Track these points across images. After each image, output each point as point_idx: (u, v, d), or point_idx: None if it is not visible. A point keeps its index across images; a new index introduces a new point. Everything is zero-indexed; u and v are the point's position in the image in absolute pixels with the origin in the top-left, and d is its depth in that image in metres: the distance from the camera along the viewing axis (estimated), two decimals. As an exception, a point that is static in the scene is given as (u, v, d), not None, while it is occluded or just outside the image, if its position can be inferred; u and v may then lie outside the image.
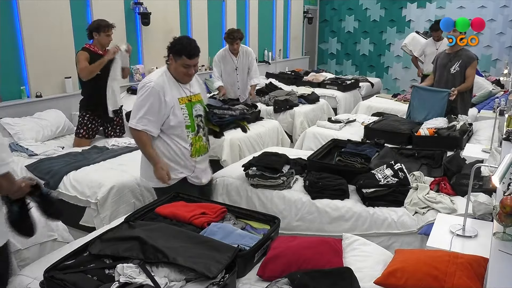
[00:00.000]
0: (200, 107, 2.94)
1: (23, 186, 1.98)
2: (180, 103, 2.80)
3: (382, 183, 2.80)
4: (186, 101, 2.84)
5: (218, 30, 7.57)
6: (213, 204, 2.48)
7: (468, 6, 8.85)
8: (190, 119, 2.84)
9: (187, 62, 2.73)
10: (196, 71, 2.84)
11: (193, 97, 2.89)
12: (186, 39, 2.77)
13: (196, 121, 2.88)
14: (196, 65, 2.80)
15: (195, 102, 2.90)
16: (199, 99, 2.95)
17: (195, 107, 2.88)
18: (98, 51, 4.12)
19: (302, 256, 1.98)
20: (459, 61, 4.51)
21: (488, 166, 2.63)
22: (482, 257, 1.87)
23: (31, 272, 2.01)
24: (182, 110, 2.80)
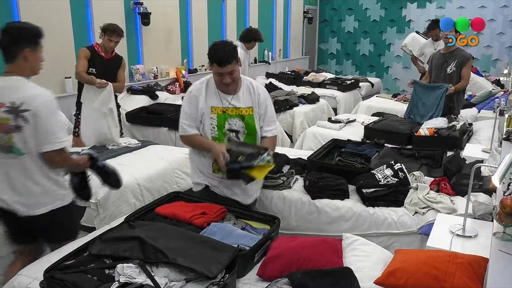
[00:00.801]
0: (239, 123, 2.57)
1: (81, 163, 2.35)
2: (212, 112, 2.55)
3: (382, 183, 2.80)
4: (219, 111, 2.55)
5: (218, 30, 7.58)
6: (213, 204, 2.48)
7: (468, 6, 8.85)
8: (219, 131, 2.55)
9: (219, 70, 2.45)
10: (234, 79, 2.49)
11: (230, 110, 2.55)
12: (219, 44, 2.46)
13: (227, 135, 2.55)
14: (233, 72, 2.45)
15: (233, 116, 2.55)
16: (242, 113, 2.56)
17: (230, 121, 2.55)
18: (101, 52, 4.14)
19: (302, 256, 1.98)
20: (455, 61, 4.52)
21: (488, 166, 2.63)
22: (482, 257, 1.87)
23: (31, 272, 2.01)
24: (212, 120, 2.55)
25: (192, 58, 7.11)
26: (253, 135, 2.62)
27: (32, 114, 2.07)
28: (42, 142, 2.10)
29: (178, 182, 3.67)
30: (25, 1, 4.48)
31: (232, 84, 2.52)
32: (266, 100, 2.66)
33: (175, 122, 4.65)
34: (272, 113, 2.69)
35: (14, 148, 2.11)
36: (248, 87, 2.62)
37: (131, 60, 5.96)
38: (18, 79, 2.15)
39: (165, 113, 4.92)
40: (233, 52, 2.46)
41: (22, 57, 2.15)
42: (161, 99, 5.72)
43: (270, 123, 2.67)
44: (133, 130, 4.94)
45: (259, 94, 2.62)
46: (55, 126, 2.13)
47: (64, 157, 2.21)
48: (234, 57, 2.45)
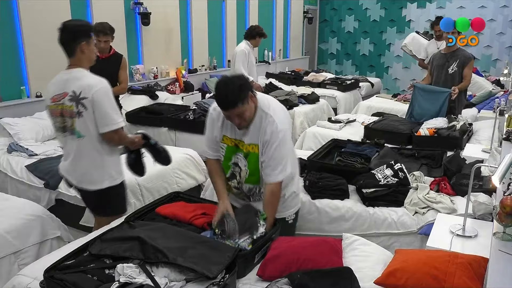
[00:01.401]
0: (242, 160, 2.36)
1: (137, 141, 2.61)
2: (223, 141, 2.40)
3: (382, 183, 2.80)
4: (229, 142, 2.38)
5: (218, 30, 7.58)
6: (214, 205, 2.48)
7: (468, 6, 8.85)
8: (224, 162, 2.43)
9: (223, 113, 2.24)
10: (246, 118, 2.20)
11: (240, 144, 2.34)
12: (222, 84, 2.18)
13: (231, 168, 2.41)
14: (242, 114, 2.17)
15: (240, 151, 2.35)
16: (248, 151, 2.32)
17: (237, 155, 2.37)
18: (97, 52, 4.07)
19: (302, 256, 1.98)
20: (457, 61, 4.51)
21: (488, 166, 2.63)
22: (482, 257, 1.87)
23: (31, 272, 2.01)
24: (221, 149, 2.42)
25: (192, 58, 7.11)
26: (255, 175, 2.35)
27: (89, 101, 2.35)
28: (101, 124, 2.39)
29: (178, 182, 3.67)
30: (25, 1, 4.48)
31: (244, 123, 2.24)
32: (272, 138, 2.23)
33: (175, 122, 4.73)
34: (280, 158, 2.26)
35: (75, 131, 2.42)
36: (260, 119, 2.27)
37: (131, 60, 5.95)
38: (79, 70, 2.45)
39: (165, 113, 4.92)
40: (238, 93, 2.12)
41: (80, 50, 2.44)
42: (161, 99, 5.72)
43: (272, 166, 2.27)
44: (133, 130, 4.90)
45: (265, 131, 2.24)
46: (110, 110, 2.39)
47: (121, 136, 2.50)
48: (240, 99, 2.11)
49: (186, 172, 3.77)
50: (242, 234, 2.13)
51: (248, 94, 2.16)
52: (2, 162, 3.69)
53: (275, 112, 2.28)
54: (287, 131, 2.34)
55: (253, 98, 2.21)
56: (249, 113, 2.20)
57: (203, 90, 6.79)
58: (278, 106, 2.37)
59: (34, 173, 3.46)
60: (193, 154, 3.93)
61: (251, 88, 2.21)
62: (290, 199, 2.51)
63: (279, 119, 2.26)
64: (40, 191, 3.42)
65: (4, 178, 3.64)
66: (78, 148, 2.46)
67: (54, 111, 2.47)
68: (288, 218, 2.54)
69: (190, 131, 4.60)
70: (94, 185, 2.49)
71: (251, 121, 2.26)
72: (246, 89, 2.17)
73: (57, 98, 2.43)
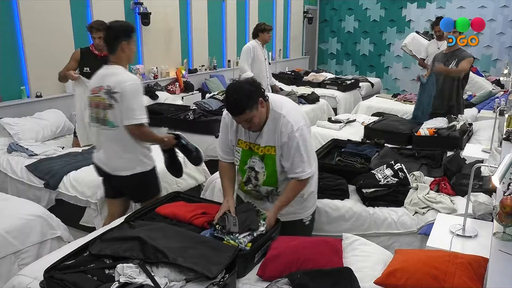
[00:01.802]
0: (258, 163, 2.35)
1: (166, 140, 2.80)
2: (238, 145, 2.40)
3: (382, 183, 2.80)
4: (244, 146, 2.37)
5: (218, 30, 7.58)
6: (214, 205, 2.48)
7: (468, 6, 8.85)
8: (241, 166, 2.42)
9: (233, 118, 2.25)
10: (256, 123, 2.21)
11: (256, 147, 2.33)
12: (231, 89, 2.18)
13: (247, 173, 2.40)
14: (251, 120, 2.17)
15: (256, 154, 2.34)
16: (263, 152, 2.32)
17: (252, 159, 2.36)
18: (95, 51, 4.06)
19: (302, 256, 1.98)
20: (456, 60, 4.52)
21: (488, 166, 2.63)
22: (482, 257, 1.87)
23: (31, 272, 2.01)
24: (237, 153, 2.41)
25: (192, 58, 7.11)
26: (273, 177, 2.34)
27: (120, 95, 2.54)
28: (124, 117, 2.57)
29: (178, 182, 3.67)
30: (25, 1, 4.48)
31: (254, 127, 2.25)
32: (290, 140, 2.23)
33: (175, 122, 4.72)
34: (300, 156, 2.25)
35: (108, 121, 2.63)
36: (273, 121, 2.26)
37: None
38: (116, 67, 2.63)
39: (165, 113, 4.92)
40: (246, 100, 2.10)
41: (120, 49, 2.62)
42: (161, 99, 5.72)
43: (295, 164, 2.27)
44: (133, 130, 4.94)
45: (281, 132, 2.24)
46: (135, 105, 2.55)
47: (143, 132, 2.64)
48: (248, 106, 2.11)
49: (186, 172, 3.75)
50: (242, 231, 2.13)
51: (257, 100, 2.15)
52: (2, 162, 3.69)
53: (288, 112, 2.26)
54: (304, 129, 2.28)
55: (263, 103, 2.20)
56: (258, 119, 2.20)
57: (203, 90, 6.79)
58: (291, 105, 2.37)
59: (34, 173, 3.46)
60: (193, 154, 3.93)
61: (262, 94, 2.20)
62: (308, 199, 2.50)
63: (293, 119, 2.24)
64: (40, 191, 3.43)
65: (4, 178, 3.65)
66: (110, 138, 2.66)
67: (92, 102, 2.70)
68: (305, 220, 2.52)
69: (190, 131, 4.59)
70: (127, 171, 2.69)
71: (264, 123, 2.26)
72: (256, 96, 2.15)
73: (95, 91, 2.66)
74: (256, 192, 2.44)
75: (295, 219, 2.47)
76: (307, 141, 2.30)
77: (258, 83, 2.24)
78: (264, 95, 2.22)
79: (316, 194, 2.61)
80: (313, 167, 2.38)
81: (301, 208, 2.49)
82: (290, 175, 2.31)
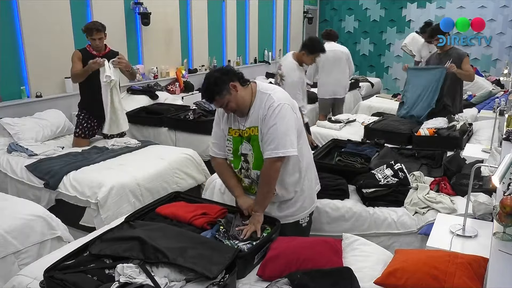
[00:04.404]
0: (246, 145, 2.33)
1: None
2: (229, 133, 2.39)
3: (382, 183, 2.80)
4: (234, 133, 2.37)
5: (218, 30, 7.58)
6: (214, 205, 2.48)
7: (468, 6, 8.85)
8: (234, 155, 2.39)
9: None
10: (233, 107, 2.25)
11: (244, 132, 2.32)
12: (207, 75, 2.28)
13: (241, 160, 2.38)
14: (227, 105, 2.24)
15: (245, 139, 2.33)
16: (249, 134, 2.30)
17: (243, 144, 2.34)
18: (93, 51, 4.04)
19: (302, 256, 1.98)
20: (450, 60, 4.53)
21: (488, 166, 2.63)
22: (482, 257, 1.87)
23: (31, 272, 2.01)
24: (228, 141, 2.40)
25: (192, 58, 7.11)
26: (261, 159, 2.28)
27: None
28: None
29: (178, 182, 3.67)
30: (25, 1, 4.48)
31: (236, 113, 2.31)
32: (268, 112, 2.21)
33: (175, 122, 4.72)
34: (275, 131, 2.19)
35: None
36: (260, 102, 2.26)
37: (131, 60, 5.94)
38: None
39: (165, 113, 4.92)
40: (212, 86, 2.20)
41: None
42: (161, 99, 5.72)
43: (268, 141, 2.21)
44: (133, 130, 4.94)
45: (263, 108, 2.23)
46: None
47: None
48: (216, 92, 2.19)
49: (186, 172, 3.77)
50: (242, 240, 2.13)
51: (227, 86, 2.20)
52: (2, 162, 3.69)
53: (275, 92, 2.29)
54: (286, 107, 2.22)
55: (237, 87, 2.23)
56: (234, 103, 2.24)
57: (203, 90, 6.78)
58: (281, 90, 2.36)
59: (34, 173, 3.45)
60: (193, 154, 3.93)
61: (233, 78, 2.23)
62: (301, 199, 2.44)
63: (278, 96, 2.25)
64: (40, 191, 3.42)
65: (4, 178, 3.64)
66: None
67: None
68: (302, 221, 2.48)
69: (190, 131, 4.60)
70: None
71: (249, 106, 2.28)
72: (224, 81, 2.20)
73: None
74: (250, 181, 2.41)
75: (291, 221, 2.44)
76: (286, 119, 2.21)
77: (230, 70, 2.28)
78: (238, 79, 2.25)
79: (312, 194, 2.54)
80: (293, 149, 2.22)
81: (297, 209, 2.44)
82: (264, 154, 2.22)
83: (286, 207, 2.43)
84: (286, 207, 2.43)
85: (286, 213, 2.43)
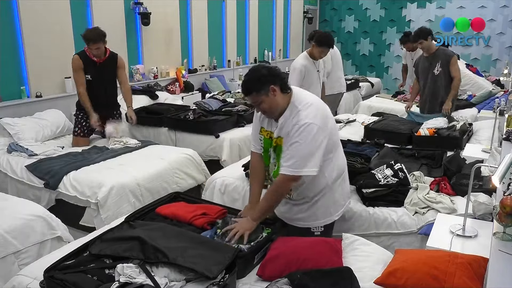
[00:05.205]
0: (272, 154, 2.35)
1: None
2: (261, 132, 2.39)
3: (382, 183, 2.80)
4: (265, 135, 2.36)
5: (218, 30, 7.58)
6: (214, 205, 2.48)
7: (468, 6, 8.85)
8: (264, 153, 2.40)
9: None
10: (266, 111, 2.24)
11: (272, 136, 2.31)
12: (249, 70, 2.26)
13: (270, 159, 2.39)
14: (260, 104, 2.20)
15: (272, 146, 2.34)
16: (277, 143, 2.28)
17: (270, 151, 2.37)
18: (93, 57, 4.00)
19: (301, 256, 1.98)
20: (439, 61, 4.55)
21: (488, 166, 2.63)
22: (482, 257, 1.87)
23: (31, 272, 2.01)
24: (260, 140, 2.40)
25: (192, 58, 7.11)
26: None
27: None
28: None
29: (178, 182, 3.67)
30: (25, 1, 4.48)
31: (266, 114, 2.28)
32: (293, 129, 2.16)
33: (175, 122, 4.72)
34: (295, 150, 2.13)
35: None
36: (290, 114, 2.21)
37: (131, 60, 5.96)
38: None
39: (165, 113, 4.92)
40: (254, 82, 2.17)
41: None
42: (161, 99, 5.72)
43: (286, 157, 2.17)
44: (133, 130, 4.94)
45: (293, 125, 2.16)
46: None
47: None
48: (255, 89, 2.16)
49: (186, 172, 3.77)
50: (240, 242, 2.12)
51: (267, 87, 2.15)
52: (2, 162, 3.69)
53: (306, 107, 2.20)
54: (313, 126, 2.13)
55: (276, 92, 2.17)
56: (268, 105, 2.19)
57: (203, 90, 6.79)
58: (314, 103, 2.26)
59: (34, 173, 3.46)
60: (193, 154, 3.93)
61: (276, 82, 2.17)
62: (318, 206, 2.36)
63: (307, 113, 2.17)
64: (40, 191, 3.42)
65: (4, 178, 3.64)
66: None
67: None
68: (314, 230, 2.38)
69: (190, 131, 4.60)
70: None
71: (280, 114, 2.22)
72: (267, 81, 2.15)
73: None
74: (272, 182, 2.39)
75: (302, 226, 2.39)
76: (312, 139, 2.13)
77: (278, 73, 2.22)
78: (281, 84, 2.19)
79: (337, 207, 2.42)
80: (311, 169, 2.15)
81: (309, 215, 2.36)
82: (280, 168, 2.18)
83: (297, 211, 2.39)
84: (297, 211, 2.39)
85: (298, 216, 2.39)
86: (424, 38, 4.53)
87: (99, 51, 3.98)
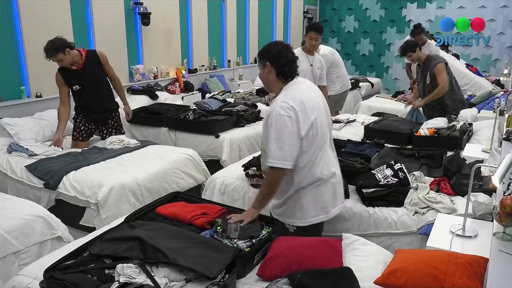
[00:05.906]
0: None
1: None
2: None
3: (382, 183, 2.80)
4: None
5: (218, 30, 7.58)
6: (214, 205, 2.48)
7: (468, 6, 8.85)
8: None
9: None
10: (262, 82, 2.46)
11: None
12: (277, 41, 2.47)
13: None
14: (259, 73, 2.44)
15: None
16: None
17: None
18: (71, 67, 3.90)
19: (302, 256, 1.98)
20: (428, 71, 4.56)
21: (488, 166, 2.63)
22: (482, 257, 1.87)
23: (31, 272, 2.01)
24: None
25: (192, 58, 7.11)
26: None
27: None
28: None
29: (178, 182, 3.67)
30: (25, 1, 4.48)
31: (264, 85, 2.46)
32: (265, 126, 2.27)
33: (175, 122, 4.72)
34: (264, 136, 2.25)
35: None
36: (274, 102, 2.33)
37: (131, 60, 5.96)
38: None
39: (165, 113, 4.92)
40: (263, 50, 2.35)
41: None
42: (161, 99, 5.72)
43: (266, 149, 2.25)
44: (133, 130, 4.94)
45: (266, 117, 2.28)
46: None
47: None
48: (259, 55, 2.36)
49: (186, 172, 3.77)
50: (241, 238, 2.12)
51: (265, 61, 2.30)
52: (2, 162, 3.69)
53: (287, 93, 2.25)
54: (283, 117, 2.16)
55: (269, 70, 2.30)
56: (260, 76, 2.38)
57: (203, 90, 6.79)
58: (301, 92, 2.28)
59: (34, 173, 3.45)
60: (193, 154, 3.93)
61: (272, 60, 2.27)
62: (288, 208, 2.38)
63: (282, 100, 2.21)
64: (40, 191, 3.42)
65: (4, 178, 3.64)
66: None
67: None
68: (288, 226, 2.42)
69: (190, 131, 4.60)
70: None
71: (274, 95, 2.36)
72: (265, 56, 2.31)
73: None
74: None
75: (280, 220, 2.44)
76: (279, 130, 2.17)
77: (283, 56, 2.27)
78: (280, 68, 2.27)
79: (303, 214, 2.37)
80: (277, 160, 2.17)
81: (281, 211, 2.42)
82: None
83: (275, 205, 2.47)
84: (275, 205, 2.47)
85: (275, 211, 2.49)
86: (412, 51, 4.55)
87: (63, 63, 3.83)
